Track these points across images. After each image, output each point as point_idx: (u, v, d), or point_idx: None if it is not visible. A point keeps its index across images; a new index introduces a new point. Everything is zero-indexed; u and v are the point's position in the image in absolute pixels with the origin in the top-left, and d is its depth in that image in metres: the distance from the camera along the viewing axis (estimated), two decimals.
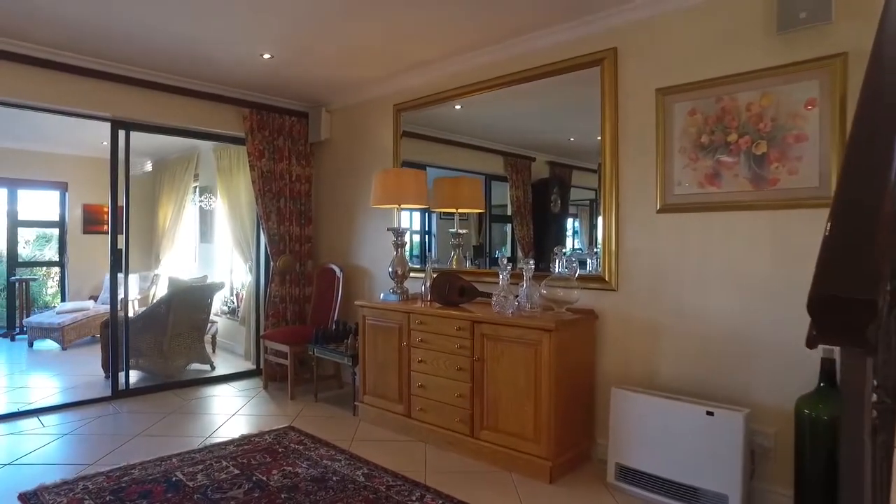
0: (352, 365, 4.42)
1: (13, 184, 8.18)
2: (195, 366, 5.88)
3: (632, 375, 3.34)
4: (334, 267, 5.26)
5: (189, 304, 5.70)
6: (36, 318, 7.36)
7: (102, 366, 5.63)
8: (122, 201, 5.00)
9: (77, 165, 8.25)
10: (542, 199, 4.29)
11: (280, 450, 3.61)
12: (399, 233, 4.28)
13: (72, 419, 4.33)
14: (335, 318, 5.03)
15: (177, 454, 3.53)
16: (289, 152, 5.49)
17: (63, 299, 8.51)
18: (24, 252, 9.86)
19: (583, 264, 3.58)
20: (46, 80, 4.32)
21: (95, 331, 7.40)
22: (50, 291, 9.66)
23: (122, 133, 4.85)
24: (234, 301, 7.17)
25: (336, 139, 5.53)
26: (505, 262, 3.54)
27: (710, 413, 2.68)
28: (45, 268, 9.64)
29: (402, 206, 4.26)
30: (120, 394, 4.85)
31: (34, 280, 8.78)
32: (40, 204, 8.85)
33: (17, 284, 8.18)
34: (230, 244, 6.86)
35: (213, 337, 6.88)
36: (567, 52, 3.65)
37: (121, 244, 4.85)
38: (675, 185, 3.15)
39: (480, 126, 4.64)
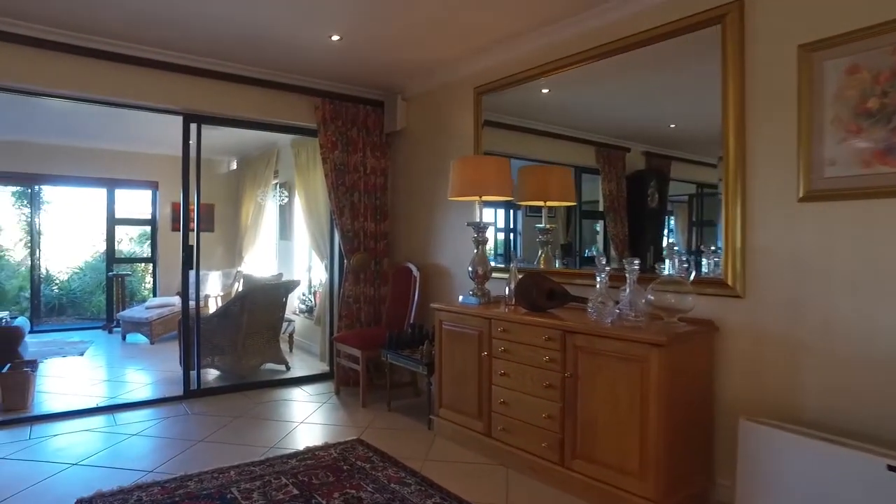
0: (427, 374, 4.02)
1: (111, 184, 8.48)
2: (270, 366, 5.72)
3: (764, 405, 2.70)
4: (411, 266, 4.88)
5: (263, 302, 5.53)
6: (128, 313, 7.54)
7: (180, 363, 5.59)
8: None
9: (166, 165, 8.42)
10: (637, 194, 3.75)
11: (345, 467, 3.26)
12: (480, 228, 3.83)
13: (143, 418, 4.22)
14: (411, 320, 4.66)
15: (236, 466, 3.26)
16: (363, 143, 5.18)
17: (154, 295, 8.73)
18: (126, 248, 10.30)
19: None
20: (118, 74, 4.23)
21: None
22: (147, 287, 10.02)
23: (193, 127, 4.71)
24: (312, 299, 7.00)
25: (413, 128, 5.16)
26: (603, 262, 2.99)
27: (893, 469, 2.02)
28: (142, 264, 10.02)
29: (484, 198, 3.80)
30: (191, 393, 4.72)
31: (129, 276, 9.08)
32: (135, 202, 9.15)
33: (114, 280, 8.46)
34: (307, 241, 6.70)
35: (291, 336, 6.74)
36: (675, 12, 3.05)
37: (192, 241, 4.71)
38: (824, 165, 2.49)
39: (569, 113, 4.13)
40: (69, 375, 5.69)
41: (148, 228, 9.21)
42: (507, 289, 3.72)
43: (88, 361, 6.37)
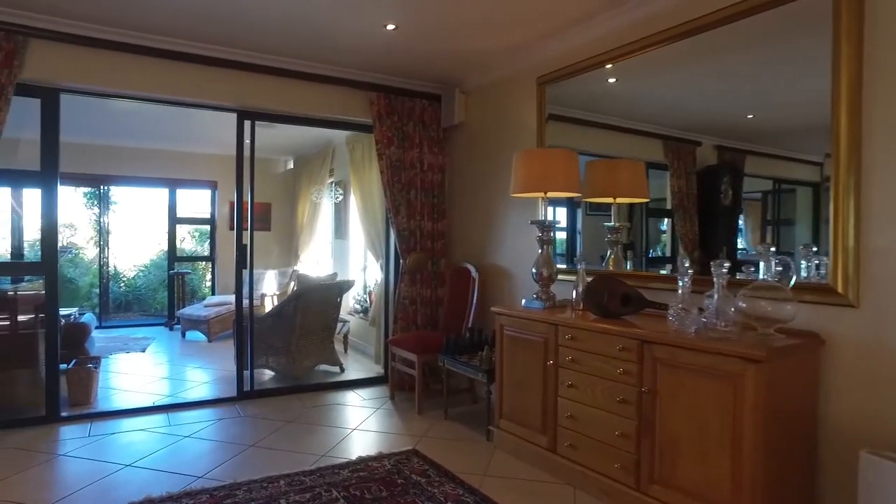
0: (487, 382, 3.78)
1: (172, 183, 8.64)
2: (324, 367, 5.61)
3: (882, 432, 2.32)
4: (469, 266, 4.66)
5: (318, 302, 5.43)
6: (187, 311, 7.63)
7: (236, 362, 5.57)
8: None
9: (225, 164, 8.46)
10: (708, 190, 3.42)
11: (399, 481, 3.06)
12: (545, 227, 3.56)
13: (196, 419, 4.16)
14: (469, 324, 4.43)
15: (286, 475, 3.11)
16: (420, 139, 4.98)
17: (213, 293, 8.85)
18: (187, 247, 10.54)
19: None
20: (172, 72, 4.20)
21: None
22: (208, 285, 10.21)
23: (247, 124, 4.64)
24: (367, 300, 6.88)
25: (471, 123, 4.93)
26: (686, 264, 2.67)
27: None
28: (203, 262, 10.22)
29: (549, 194, 3.53)
30: (245, 395, 4.64)
31: (189, 274, 9.24)
32: (195, 202, 9.32)
33: (175, 278, 8.63)
34: (362, 241, 6.59)
35: (345, 336, 6.64)
36: None
37: (246, 240, 4.64)
38: None
39: (636, 104, 3.82)
40: (131, 372, 5.76)
41: (207, 227, 9.36)
42: (574, 292, 3.44)
43: (149, 358, 6.46)
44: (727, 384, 2.30)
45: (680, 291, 2.64)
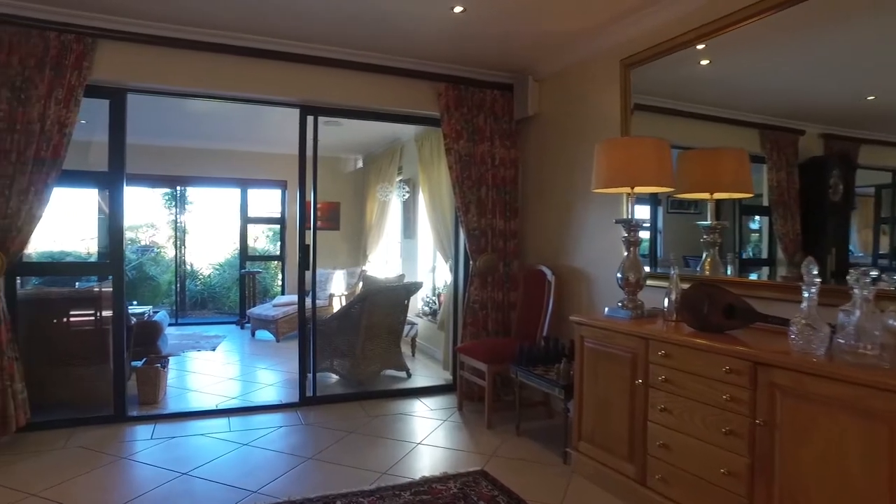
0: (564, 398, 3.40)
1: (244, 183, 8.72)
2: (390, 372, 5.39)
3: None
4: (544, 269, 4.28)
5: (384, 305, 5.21)
6: (256, 310, 7.65)
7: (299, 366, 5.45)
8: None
9: (294, 164, 8.46)
10: (813, 185, 2.96)
11: None
12: (632, 226, 3.15)
13: (257, 425, 4.02)
14: (544, 332, 4.07)
15: (343, 495, 2.87)
16: (491, 132, 4.65)
17: (283, 293, 8.87)
18: (259, 246, 10.69)
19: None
20: (234, 67, 4.10)
21: None
22: (279, 284, 10.31)
23: (310, 119, 4.46)
24: (436, 302, 6.63)
25: (546, 114, 4.55)
26: (813, 271, 2.21)
27: None
28: (275, 262, 10.33)
29: (637, 189, 3.12)
30: (307, 400, 4.48)
31: (260, 273, 9.32)
32: (267, 202, 9.40)
33: (245, 277, 8.70)
34: (431, 241, 6.35)
35: (413, 340, 6.41)
36: None
37: (308, 239, 4.47)
38: None
39: (731, 89, 3.37)
40: (199, 371, 5.76)
41: (278, 227, 9.40)
42: (666, 300, 3.02)
43: (219, 356, 6.47)
44: (881, 425, 1.83)
45: (805, 304, 2.18)
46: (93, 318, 4.45)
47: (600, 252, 3.95)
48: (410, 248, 7.26)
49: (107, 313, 4.39)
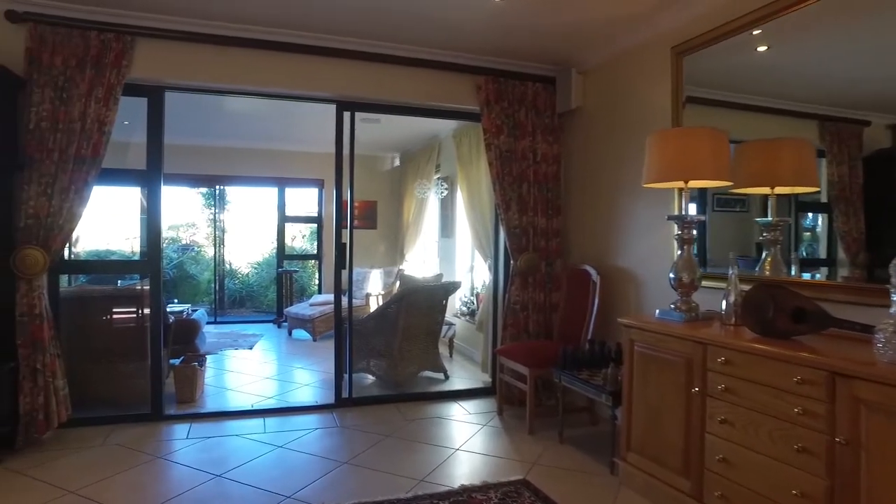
0: (611, 405, 3.22)
1: (281, 182, 8.74)
2: (427, 373, 5.28)
3: None
4: (589, 269, 4.10)
5: (422, 305, 5.09)
6: (293, 309, 7.64)
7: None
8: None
9: (331, 162, 8.44)
10: (879, 180, 2.75)
11: None
12: (685, 223, 2.96)
13: (291, 427, 3.96)
14: (589, 335, 3.88)
15: (378, 503, 2.76)
16: (532, 127, 4.49)
17: (319, 290, 8.86)
18: (297, 245, 10.74)
19: None
20: (268, 63, 4.05)
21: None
22: (316, 283, 10.33)
23: (346, 115, 4.38)
24: (474, 302, 6.49)
25: (591, 107, 4.36)
26: None
27: None
28: (312, 260, 10.35)
29: (691, 184, 2.92)
30: (343, 402, 4.39)
31: (297, 272, 9.34)
32: (304, 200, 9.41)
33: (282, 276, 8.71)
34: (469, 239, 6.22)
35: (451, 340, 6.28)
36: None
37: (345, 238, 4.38)
38: None
39: (789, 78, 3.15)
40: (236, 370, 5.76)
41: (315, 226, 9.40)
42: (723, 303, 2.81)
43: (256, 355, 6.47)
44: None
45: (894, 309, 1.96)
46: (133, 315, 4.46)
47: (649, 251, 3.74)
48: (448, 246, 7.14)
49: (147, 311, 4.40)
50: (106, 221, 8.76)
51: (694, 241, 3.02)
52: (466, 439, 3.76)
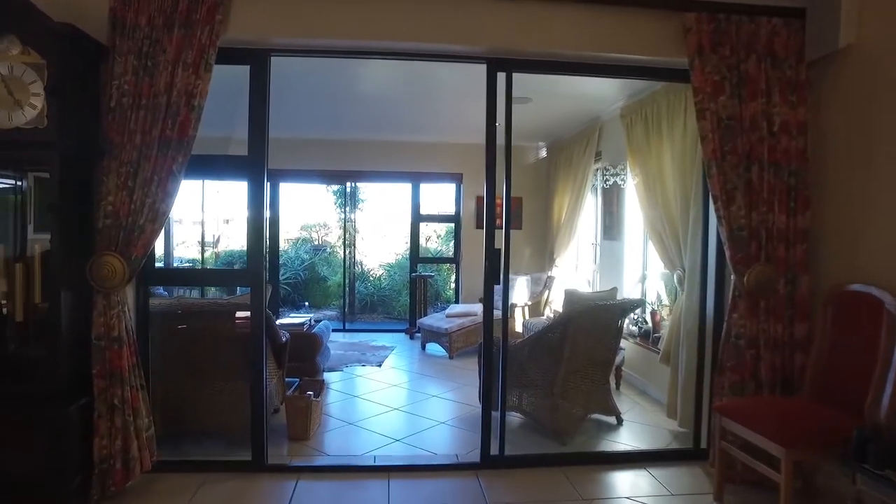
0: None
1: (415, 178, 7.87)
2: (595, 415, 4.06)
3: None
4: (876, 292, 2.63)
5: (592, 329, 3.88)
6: (427, 321, 6.71)
7: (480, 397, 4.33)
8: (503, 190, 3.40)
9: (471, 154, 7.40)
10: None
11: None
12: None
13: (422, 495, 2.95)
14: (885, 400, 2.42)
15: None
16: (766, 82, 3.08)
17: (456, 299, 7.89)
18: (432, 247, 9.92)
19: None
20: (401, 11, 3.06)
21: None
22: (452, 286, 9.45)
23: (501, 77, 3.26)
24: (648, 321, 5.14)
25: (873, 43, 2.85)
26: None
27: None
28: (447, 264, 9.48)
29: None
30: (492, 461, 3.29)
31: (432, 277, 8.46)
32: (440, 197, 8.52)
33: (417, 281, 7.83)
34: (641, 242, 5.00)
35: (618, 369, 4.97)
36: None
37: (499, 243, 3.27)
38: None
39: None
40: (361, 393, 4.97)
41: (452, 225, 8.46)
42: None
43: (385, 374, 5.62)
44: None
45: None
46: (243, 332, 3.71)
47: None
48: (612, 250, 5.79)
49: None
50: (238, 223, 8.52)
51: None
52: None
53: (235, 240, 9.64)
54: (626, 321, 5.27)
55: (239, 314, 3.58)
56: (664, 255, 4.39)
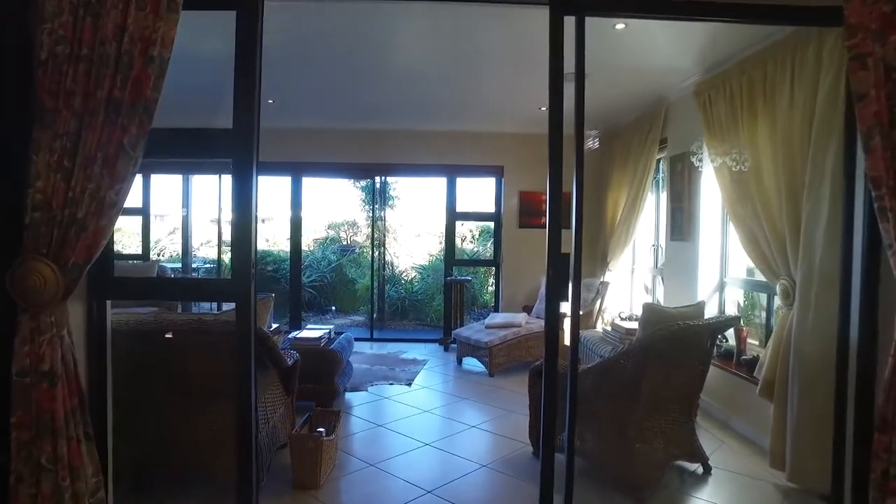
0: None
1: (451, 171, 7.06)
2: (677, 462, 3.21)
3: None
4: None
5: (678, 356, 3.01)
6: (465, 332, 5.90)
7: (530, 433, 3.51)
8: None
9: (513, 145, 6.63)
10: None
11: None
12: None
13: None
14: None
15: None
16: None
17: (496, 306, 7.05)
18: (468, 248, 9.14)
19: None
20: None
21: (527, 354, 5.59)
22: (490, 290, 8.65)
23: (569, 22, 2.43)
24: (727, 339, 4.24)
25: None
26: None
27: None
28: (485, 267, 8.69)
29: None
30: None
31: (468, 281, 7.64)
32: (477, 193, 7.70)
33: (452, 286, 7.01)
34: (720, 242, 4.37)
35: None
36: None
37: (567, 247, 2.44)
38: None
39: None
40: (386, 422, 4.21)
41: (491, 224, 7.63)
42: None
43: (415, 396, 4.83)
44: None
45: None
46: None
47: None
48: (682, 254, 4.87)
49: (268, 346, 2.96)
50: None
51: None
52: None
53: (261, 241, 9.04)
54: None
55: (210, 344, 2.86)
56: (760, 261, 3.51)
